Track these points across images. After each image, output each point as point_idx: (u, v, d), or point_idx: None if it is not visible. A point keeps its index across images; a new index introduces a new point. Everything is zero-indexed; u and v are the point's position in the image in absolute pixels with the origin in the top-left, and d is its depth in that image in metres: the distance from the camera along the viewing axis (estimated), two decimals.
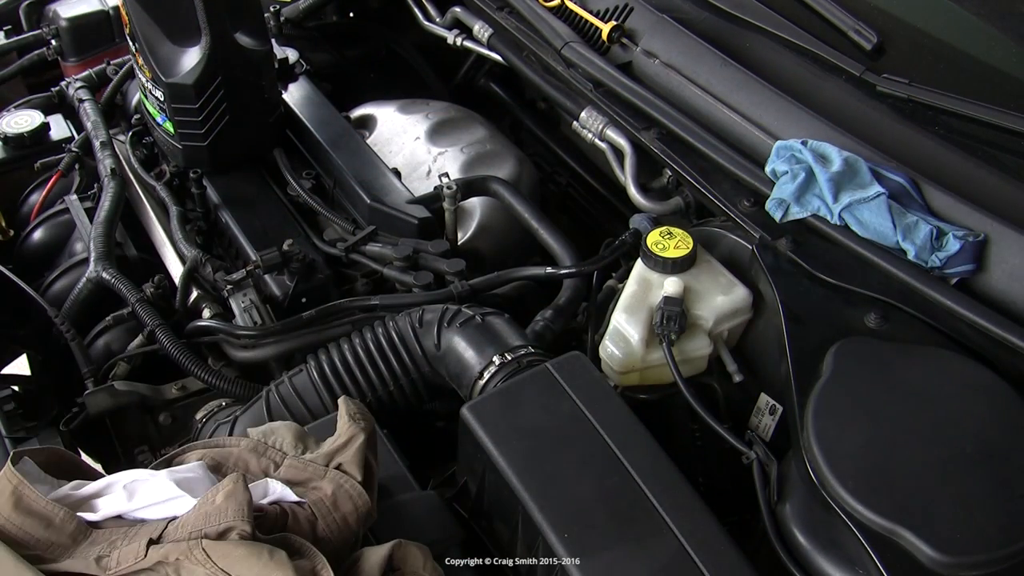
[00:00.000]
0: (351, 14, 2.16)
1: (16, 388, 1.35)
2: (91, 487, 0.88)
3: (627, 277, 1.23)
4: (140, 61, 1.54)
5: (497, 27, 1.69)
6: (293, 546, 0.84)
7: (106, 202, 1.56)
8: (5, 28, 2.06)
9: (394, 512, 1.04)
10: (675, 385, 1.12)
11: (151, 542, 0.81)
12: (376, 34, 2.16)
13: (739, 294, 1.19)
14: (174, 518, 0.84)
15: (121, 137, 1.74)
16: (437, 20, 1.86)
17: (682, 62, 1.42)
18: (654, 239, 1.21)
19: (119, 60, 1.86)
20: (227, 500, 0.82)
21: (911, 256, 1.12)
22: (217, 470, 0.94)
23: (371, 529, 0.99)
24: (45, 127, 1.80)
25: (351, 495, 0.91)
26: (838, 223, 1.16)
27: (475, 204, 1.56)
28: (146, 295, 1.43)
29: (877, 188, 1.14)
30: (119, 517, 0.86)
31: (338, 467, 0.95)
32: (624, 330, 1.17)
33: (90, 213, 1.62)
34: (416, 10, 1.90)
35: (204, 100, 1.50)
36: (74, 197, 1.68)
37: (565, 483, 0.98)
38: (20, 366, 1.61)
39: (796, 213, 1.19)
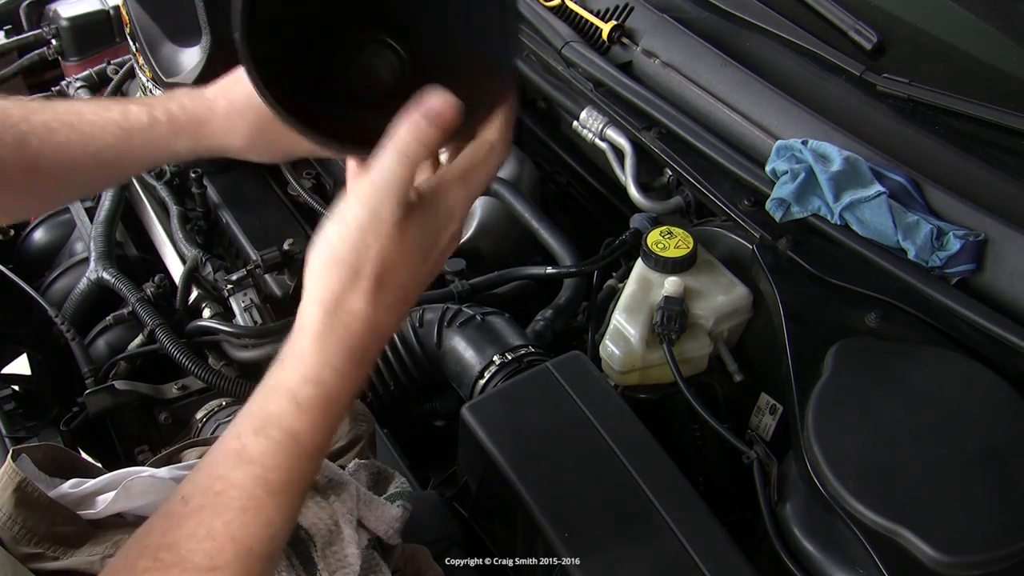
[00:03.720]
0: None
1: (16, 388, 1.35)
2: (91, 485, 0.88)
3: (627, 277, 1.23)
4: (140, 61, 1.54)
5: None
6: None
7: (106, 202, 1.56)
8: (5, 28, 2.05)
9: None
10: (675, 385, 1.12)
11: None
12: None
13: (739, 293, 1.19)
14: None
15: None
16: None
17: (682, 62, 1.42)
18: (654, 239, 1.21)
19: (119, 60, 1.86)
20: None
21: (911, 255, 1.12)
22: None
23: None
24: None
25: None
26: (838, 223, 1.16)
27: (475, 203, 1.56)
28: (146, 295, 1.43)
29: (878, 187, 1.14)
30: (120, 515, 0.86)
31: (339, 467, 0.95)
32: (624, 330, 1.17)
33: (90, 213, 1.61)
34: None
35: None
36: None
37: (565, 483, 0.98)
38: (20, 366, 1.62)
39: (796, 213, 1.19)
